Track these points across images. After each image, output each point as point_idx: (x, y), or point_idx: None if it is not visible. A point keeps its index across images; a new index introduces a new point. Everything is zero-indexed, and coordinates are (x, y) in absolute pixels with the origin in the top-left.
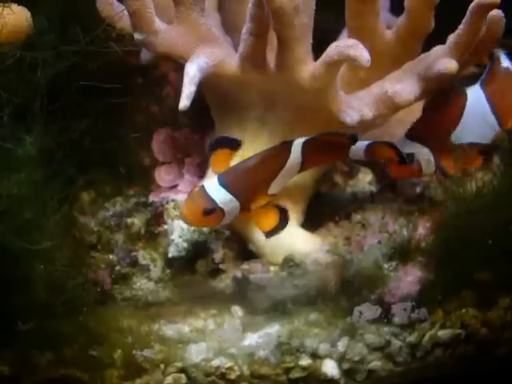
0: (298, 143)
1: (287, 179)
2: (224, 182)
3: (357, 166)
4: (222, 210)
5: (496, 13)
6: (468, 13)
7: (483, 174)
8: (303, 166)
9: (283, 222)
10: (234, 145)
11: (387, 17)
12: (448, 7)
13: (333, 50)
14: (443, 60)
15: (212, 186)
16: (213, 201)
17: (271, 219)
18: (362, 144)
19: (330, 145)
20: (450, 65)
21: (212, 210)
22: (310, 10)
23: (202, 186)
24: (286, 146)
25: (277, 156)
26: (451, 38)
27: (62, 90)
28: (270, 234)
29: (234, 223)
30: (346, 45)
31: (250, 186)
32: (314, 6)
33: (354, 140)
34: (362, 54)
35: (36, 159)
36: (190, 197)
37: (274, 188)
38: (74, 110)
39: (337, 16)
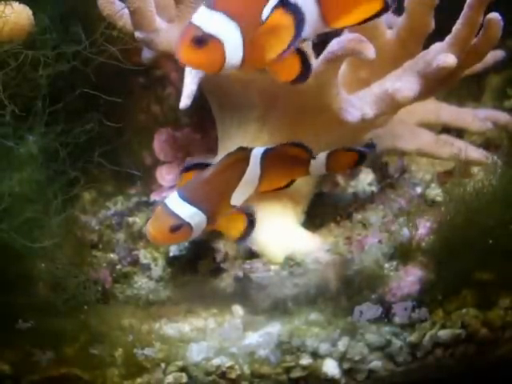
0: (256, 153)
1: (249, 190)
2: (185, 196)
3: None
4: (188, 224)
5: (493, 16)
6: (465, 8)
7: (483, 174)
8: (262, 180)
9: (250, 225)
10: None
11: (388, 17)
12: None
13: (335, 45)
14: (442, 55)
15: (174, 201)
16: (178, 216)
17: (238, 225)
18: (322, 156)
19: (290, 158)
20: (448, 59)
21: (179, 226)
22: None
23: (164, 204)
24: (244, 155)
25: (234, 165)
26: (450, 34)
27: (63, 89)
28: (240, 240)
29: None
30: (349, 39)
31: (211, 196)
32: None
33: (312, 153)
34: (367, 46)
35: (38, 158)
36: (154, 216)
37: (236, 199)
38: (75, 110)
39: None
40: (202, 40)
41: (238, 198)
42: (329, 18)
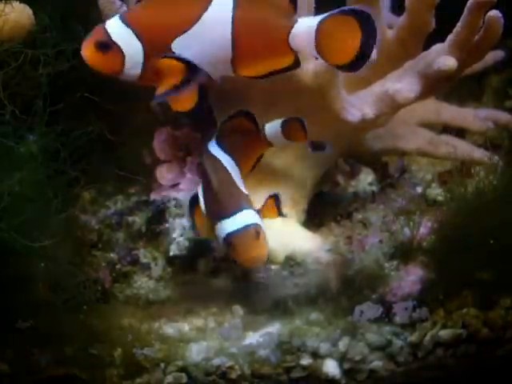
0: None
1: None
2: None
3: (358, 165)
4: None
5: (494, 13)
6: (466, 10)
7: (484, 174)
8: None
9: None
10: None
11: (389, 17)
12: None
13: None
14: (442, 57)
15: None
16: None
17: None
18: (276, 124)
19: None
20: (449, 62)
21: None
22: (310, 7)
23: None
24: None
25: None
26: (450, 36)
27: (63, 88)
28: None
29: None
30: None
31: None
32: (313, 3)
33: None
34: None
35: (38, 158)
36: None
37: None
38: (75, 109)
39: None
40: (106, 46)
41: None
42: (237, 64)
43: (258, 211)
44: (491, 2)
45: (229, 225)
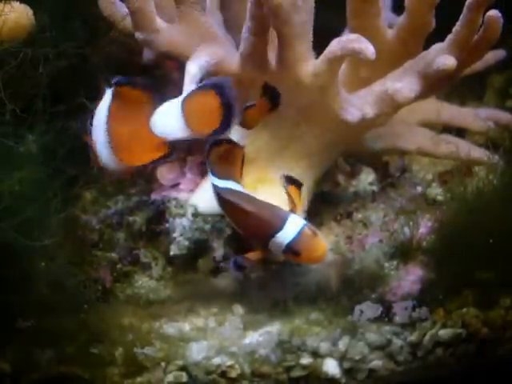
0: None
1: None
2: None
3: (358, 165)
4: None
5: (493, 13)
6: (465, 9)
7: (485, 173)
8: None
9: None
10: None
11: (389, 16)
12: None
13: (335, 45)
14: (442, 57)
15: None
16: None
17: None
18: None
19: None
20: (448, 61)
21: None
22: (309, 7)
23: None
24: None
25: None
26: (449, 35)
27: (63, 88)
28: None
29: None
30: (349, 39)
31: None
32: (313, 3)
33: None
34: (367, 46)
35: (38, 157)
36: None
37: None
38: (76, 109)
39: (338, 16)
40: None
41: None
42: (119, 154)
43: (292, 210)
44: (490, 1)
45: (285, 236)
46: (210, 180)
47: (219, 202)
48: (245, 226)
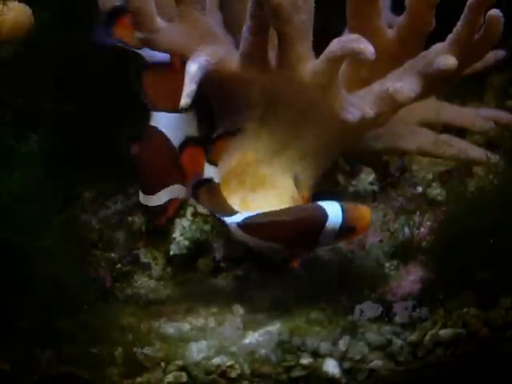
0: None
1: None
2: None
3: (358, 165)
4: None
5: (494, 12)
6: (466, 9)
7: (485, 173)
8: None
9: None
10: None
11: (389, 16)
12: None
13: (335, 45)
14: (442, 57)
15: None
16: None
17: None
18: None
19: None
20: (449, 61)
21: None
22: (309, 6)
23: None
24: None
25: None
26: (450, 35)
27: (63, 88)
28: None
29: None
30: (349, 39)
31: None
32: (313, 2)
33: None
34: (366, 47)
35: (38, 157)
36: None
37: None
38: (77, 108)
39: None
40: None
41: None
42: None
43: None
44: (491, 0)
45: (335, 221)
46: (226, 223)
47: (248, 232)
48: (287, 239)
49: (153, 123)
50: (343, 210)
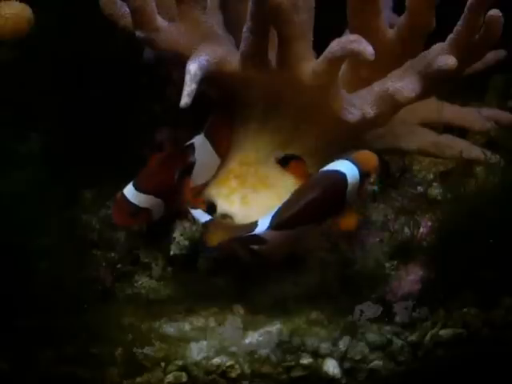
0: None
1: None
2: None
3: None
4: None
5: (494, 12)
6: (466, 9)
7: (485, 173)
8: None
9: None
10: None
11: (390, 16)
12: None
13: (335, 46)
14: (443, 57)
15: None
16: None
17: None
18: None
19: None
20: (449, 61)
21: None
22: (309, 6)
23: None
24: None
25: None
26: (450, 35)
27: (64, 88)
28: None
29: (236, 221)
30: (349, 40)
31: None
32: (313, 2)
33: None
34: (366, 47)
35: (38, 157)
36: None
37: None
38: (77, 109)
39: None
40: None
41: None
42: None
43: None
44: (492, 0)
45: (353, 176)
46: (257, 236)
47: (285, 227)
48: (322, 213)
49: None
50: (354, 163)
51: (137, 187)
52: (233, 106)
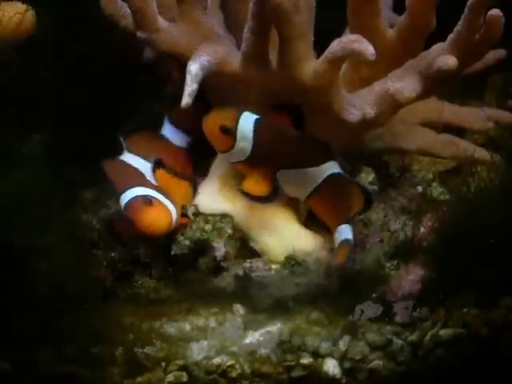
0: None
1: None
2: None
3: (359, 164)
4: None
5: (495, 12)
6: (466, 9)
7: (486, 173)
8: None
9: (273, 194)
10: None
11: (390, 16)
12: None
13: (336, 46)
14: (443, 57)
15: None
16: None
17: (262, 187)
18: None
19: None
20: (449, 61)
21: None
22: (310, 6)
23: None
24: None
25: None
26: (451, 35)
27: (64, 88)
28: (255, 199)
29: (236, 221)
30: (350, 40)
31: None
32: (314, 2)
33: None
34: (367, 48)
35: (39, 157)
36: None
37: None
38: (77, 109)
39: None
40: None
41: None
42: None
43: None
44: (492, 0)
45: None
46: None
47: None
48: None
49: None
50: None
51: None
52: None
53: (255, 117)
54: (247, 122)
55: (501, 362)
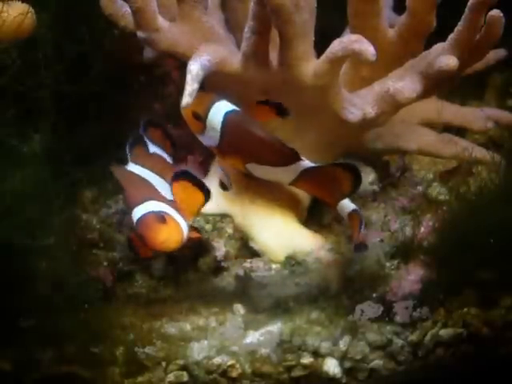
0: None
1: None
2: None
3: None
4: None
5: (495, 13)
6: (467, 10)
7: (486, 173)
8: None
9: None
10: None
11: (390, 16)
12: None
13: (336, 46)
14: (443, 57)
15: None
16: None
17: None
18: None
19: None
20: (450, 61)
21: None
22: (311, 6)
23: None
24: None
25: None
26: (451, 35)
27: (65, 88)
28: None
29: (236, 221)
30: (350, 40)
31: None
32: (315, 2)
33: None
34: (367, 48)
35: (40, 157)
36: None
37: None
38: (78, 109)
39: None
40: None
41: None
42: None
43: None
44: (493, 1)
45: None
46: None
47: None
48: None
49: None
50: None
51: None
52: None
53: (228, 109)
54: (218, 112)
55: (501, 362)
